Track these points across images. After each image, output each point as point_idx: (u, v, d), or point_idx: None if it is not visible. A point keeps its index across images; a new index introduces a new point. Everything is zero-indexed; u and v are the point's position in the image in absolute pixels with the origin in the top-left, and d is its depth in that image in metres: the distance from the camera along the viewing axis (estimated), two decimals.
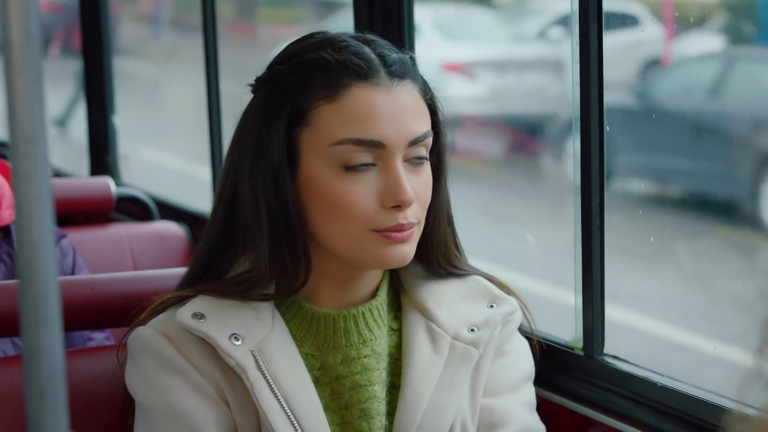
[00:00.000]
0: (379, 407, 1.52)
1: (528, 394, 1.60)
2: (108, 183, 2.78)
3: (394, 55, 1.50)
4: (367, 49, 1.49)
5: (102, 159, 3.43)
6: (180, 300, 1.53)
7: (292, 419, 1.45)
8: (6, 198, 2.16)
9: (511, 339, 1.61)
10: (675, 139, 7.60)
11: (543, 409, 1.66)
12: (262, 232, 1.48)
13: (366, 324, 1.53)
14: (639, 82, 8.34)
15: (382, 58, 1.49)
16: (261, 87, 1.52)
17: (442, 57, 8.71)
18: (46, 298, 0.91)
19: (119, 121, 3.45)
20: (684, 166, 7.26)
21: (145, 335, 1.50)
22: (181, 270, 1.70)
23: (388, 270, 1.59)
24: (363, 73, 1.47)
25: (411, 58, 1.53)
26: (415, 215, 1.48)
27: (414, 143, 1.48)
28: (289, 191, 1.48)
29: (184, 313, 1.48)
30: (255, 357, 1.47)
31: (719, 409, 1.59)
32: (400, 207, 1.46)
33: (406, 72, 1.50)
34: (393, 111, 1.46)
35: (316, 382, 1.50)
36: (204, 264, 1.55)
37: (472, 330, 1.55)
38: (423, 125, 1.50)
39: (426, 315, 1.56)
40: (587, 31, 1.76)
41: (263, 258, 1.48)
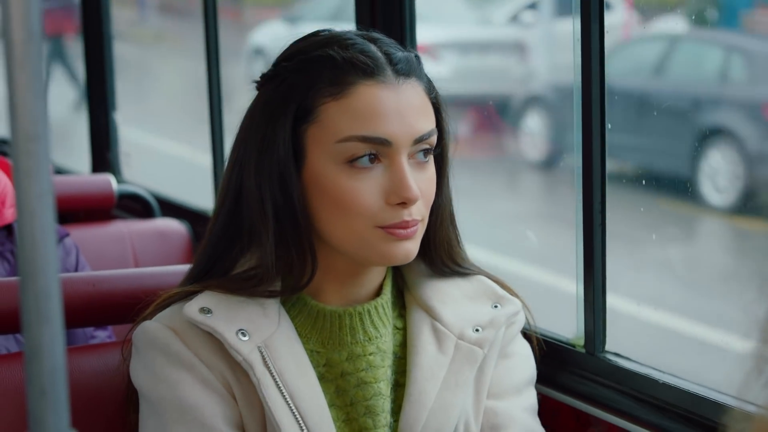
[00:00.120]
0: (384, 404, 1.52)
1: (530, 397, 1.61)
2: (109, 180, 2.78)
3: (399, 54, 1.50)
4: (373, 47, 1.49)
5: (103, 156, 3.43)
6: (186, 295, 1.53)
7: (297, 416, 1.46)
8: (9, 196, 2.16)
9: (515, 341, 1.61)
10: (623, 117, 8.03)
11: (544, 407, 1.66)
12: (268, 228, 1.48)
13: (371, 321, 1.54)
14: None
15: (388, 56, 1.49)
16: (266, 84, 1.52)
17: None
18: (47, 294, 0.91)
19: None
20: (631, 142, 7.68)
21: (152, 329, 1.50)
22: (183, 267, 1.69)
23: (391, 268, 1.59)
24: (369, 71, 1.47)
25: (416, 56, 1.54)
26: (420, 212, 1.49)
27: (419, 141, 1.48)
28: (295, 188, 1.48)
29: (191, 308, 1.49)
30: (262, 353, 1.47)
31: (721, 407, 1.59)
32: (405, 204, 1.46)
33: (411, 70, 1.50)
34: (399, 109, 1.47)
35: (321, 378, 1.51)
36: (209, 260, 1.55)
37: (477, 330, 1.55)
38: (428, 123, 1.50)
39: (431, 314, 1.56)
40: (588, 30, 1.76)
41: (269, 254, 1.48)
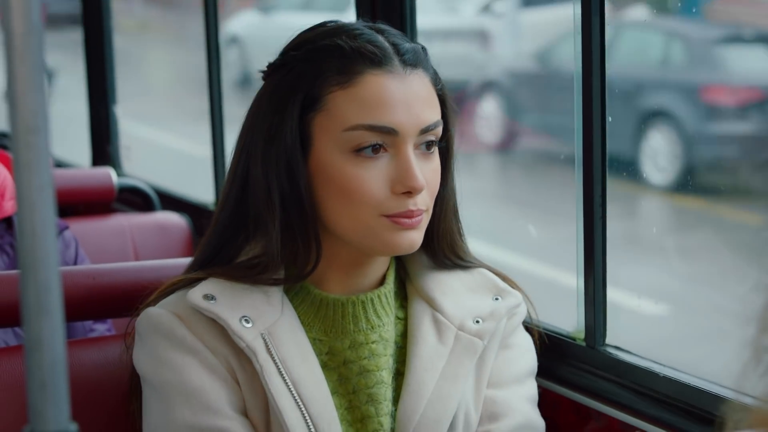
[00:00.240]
0: (386, 393, 1.53)
1: (530, 388, 1.61)
2: (109, 173, 2.77)
3: (406, 44, 1.51)
4: (381, 38, 1.50)
5: (103, 149, 3.42)
6: (190, 282, 1.53)
7: (299, 403, 1.46)
8: (9, 189, 2.16)
9: (516, 333, 1.62)
10: (572, 100, 8.27)
11: (545, 400, 1.66)
12: (274, 216, 1.49)
13: (374, 310, 1.54)
14: (547, 50, 9.31)
15: (395, 46, 1.50)
16: (273, 73, 1.53)
17: None
18: (47, 287, 0.91)
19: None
20: (579, 124, 8.04)
21: (156, 315, 1.51)
22: (183, 260, 1.69)
23: (394, 259, 1.60)
24: (377, 60, 1.48)
25: (423, 48, 1.55)
26: (425, 202, 1.49)
27: (425, 131, 1.49)
28: (302, 176, 1.48)
29: (195, 294, 1.49)
30: (265, 340, 1.48)
31: (721, 400, 1.59)
32: (410, 193, 1.47)
33: (418, 61, 1.51)
34: (406, 98, 1.48)
35: (323, 366, 1.51)
36: (214, 248, 1.55)
37: (477, 321, 1.56)
38: (434, 114, 1.51)
39: (432, 305, 1.57)
40: (589, 20, 1.75)
41: (275, 242, 1.49)
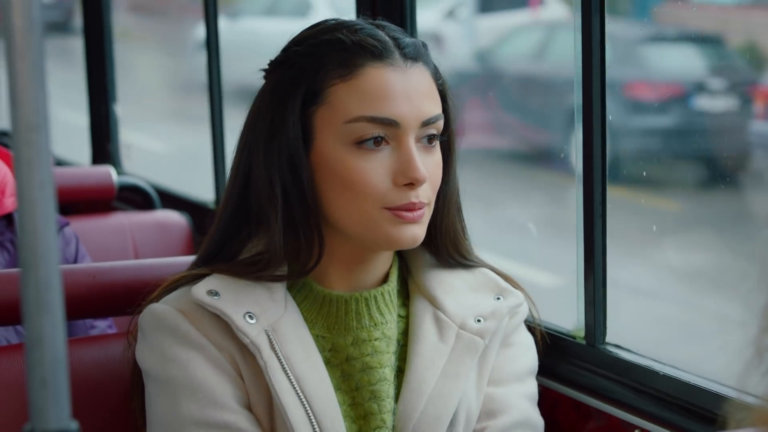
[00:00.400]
0: (389, 390, 1.53)
1: (530, 387, 1.61)
2: (109, 172, 2.77)
3: (407, 39, 1.53)
4: (381, 33, 1.52)
5: (103, 147, 3.42)
6: (193, 279, 1.53)
7: (303, 400, 1.47)
8: (9, 186, 2.16)
9: (517, 331, 1.62)
10: (508, 97, 9.00)
11: (545, 398, 1.66)
12: (276, 211, 1.49)
13: (377, 307, 1.55)
14: (487, 50, 9.82)
15: (395, 40, 1.51)
16: (275, 70, 1.54)
17: None
18: (48, 284, 0.91)
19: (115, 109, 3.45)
20: (515, 119, 8.68)
21: (160, 311, 1.51)
22: (183, 258, 1.70)
23: (397, 257, 1.60)
24: (378, 53, 1.49)
25: (423, 43, 1.56)
26: (427, 195, 1.50)
27: (426, 124, 1.50)
28: (305, 170, 1.49)
29: (199, 290, 1.49)
30: (269, 336, 1.48)
31: (721, 398, 1.59)
32: (412, 185, 1.48)
33: (419, 55, 1.52)
34: (407, 91, 1.48)
35: (326, 363, 1.51)
36: (217, 244, 1.56)
37: (478, 320, 1.56)
38: (435, 107, 1.52)
39: (434, 303, 1.57)
40: (590, 24, 1.75)
41: (277, 238, 1.49)
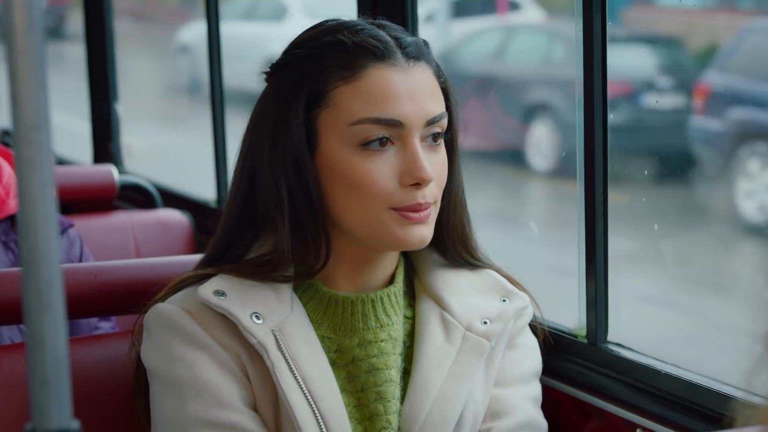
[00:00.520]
0: (395, 391, 1.53)
1: (534, 389, 1.61)
2: (111, 171, 2.77)
3: (408, 38, 1.52)
4: (382, 33, 1.51)
5: (105, 147, 3.42)
6: (199, 279, 1.53)
7: (309, 400, 1.47)
8: (13, 187, 2.15)
9: (522, 333, 1.63)
10: (468, 96, 9.30)
11: (547, 397, 1.66)
12: (283, 215, 1.49)
13: (384, 309, 1.55)
14: (450, 51, 10.09)
15: (397, 40, 1.51)
16: (276, 73, 1.54)
17: None
18: (49, 283, 0.91)
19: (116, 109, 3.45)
20: (477, 118, 8.90)
21: (166, 311, 1.51)
22: (185, 257, 1.69)
23: (403, 256, 1.60)
24: (380, 54, 1.48)
25: (424, 41, 1.55)
26: (433, 195, 1.50)
27: (431, 123, 1.50)
28: (310, 173, 1.49)
29: (205, 290, 1.49)
30: (276, 336, 1.48)
31: (723, 397, 1.59)
32: (419, 185, 1.48)
33: (421, 54, 1.52)
34: (410, 91, 1.48)
35: (332, 364, 1.51)
36: (223, 247, 1.56)
37: (485, 323, 1.56)
38: (439, 106, 1.52)
39: (440, 304, 1.57)
40: (591, 25, 1.75)
41: (285, 240, 1.49)
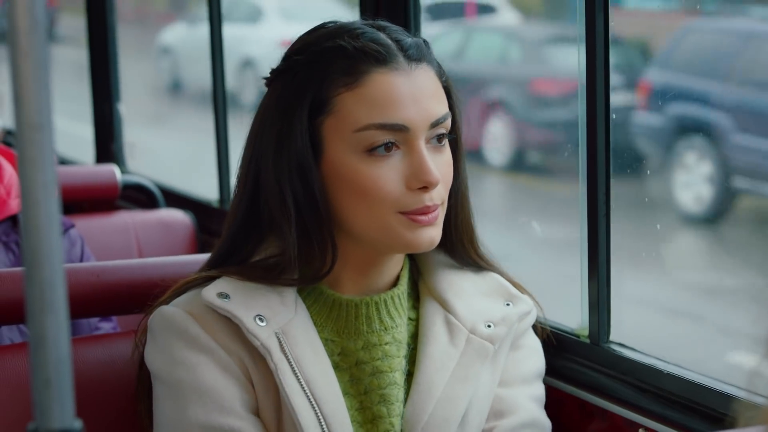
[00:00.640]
0: (399, 394, 1.53)
1: (537, 389, 1.62)
2: (113, 171, 2.77)
3: (409, 40, 1.51)
4: (383, 35, 1.50)
5: (107, 147, 3.43)
6: (203, 281, 1.53)
7: (312, 402, 1.47)
8: (15, 187, 2.16)
9: (526, 335, 1.63)
10: None
11: (549, 397, 1.66)
12: (290, 222, 1.49)
13: (388, 311, 1.55)
14: None
15: (398, 42, 1.50)
16: (277, 79, 1.53)
17: (281, 36, 9.75)
18: (51, 284, 0.91)
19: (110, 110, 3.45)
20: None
21: (170, 313, 1.51)
22: (187, 257, 1.69)
23: (408, 259, 1.60)
24: (382, 59, 1.48)
25: (425, 41, 1.55)
26: (440, 196, 1.50)
27: (435, 125, 1.49)
28: (315, 180, 1.48)
29: (209, 292, 1.49)
30: (279, 339, 1.48)
31: (725, 397, 1.59)
32: (426, 188, 1.47)
33: (422, 55, 1.51)
34: (413, 94, 1.48)
35: (335, 367, 1.51)
36: (227, 249, 1.56)
37: (489, 326, 1.56)
38: (442, 107, 1.51)
39: (444, 306, 1.57)
40: (593, 24, 1.75)
41: (292, 246, 1.49)
